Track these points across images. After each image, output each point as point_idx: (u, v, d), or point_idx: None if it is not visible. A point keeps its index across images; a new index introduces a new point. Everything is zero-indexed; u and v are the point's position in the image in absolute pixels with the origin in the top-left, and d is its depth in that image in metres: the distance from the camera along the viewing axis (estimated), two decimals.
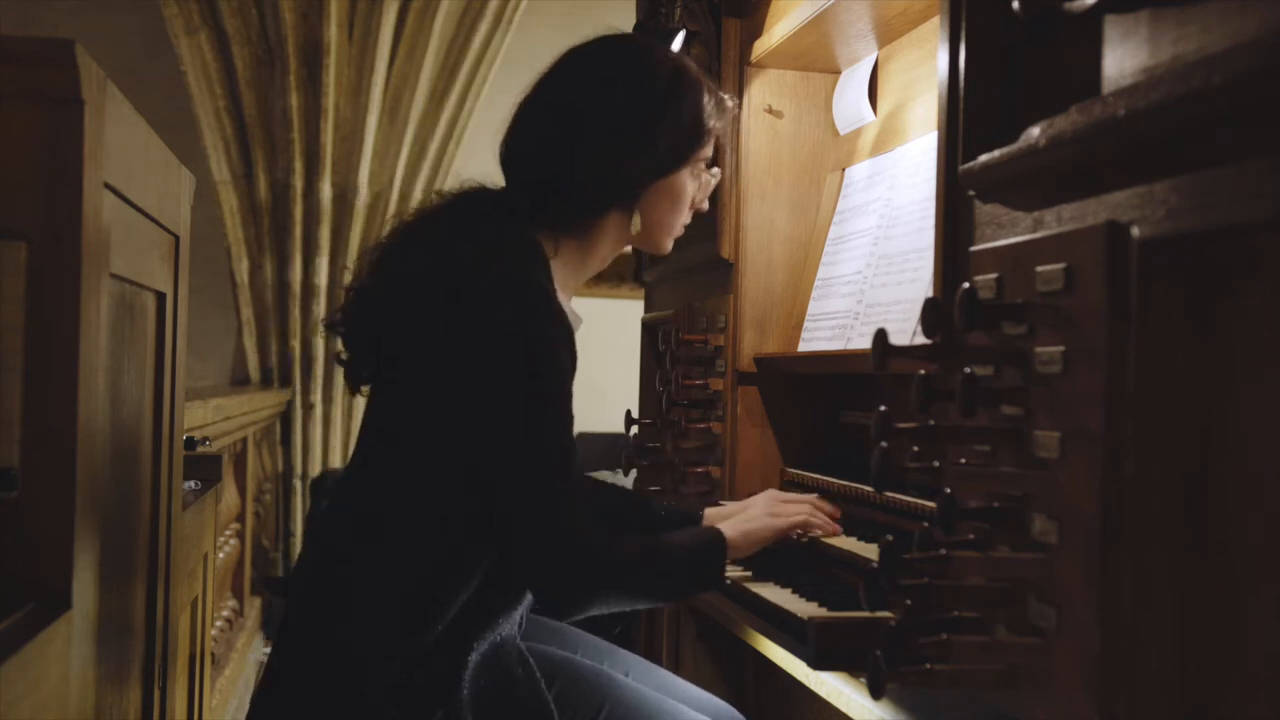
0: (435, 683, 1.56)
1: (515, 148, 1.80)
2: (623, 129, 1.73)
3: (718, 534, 1.73)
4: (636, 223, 1.79)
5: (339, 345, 1.78)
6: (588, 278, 1.84)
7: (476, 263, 1.63)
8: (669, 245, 1.88)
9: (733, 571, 1.85)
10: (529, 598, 1.70)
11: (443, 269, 1.64)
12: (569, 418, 1.61)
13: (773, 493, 1.96)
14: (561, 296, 1.71)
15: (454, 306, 1.60)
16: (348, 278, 3.95)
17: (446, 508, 1.60)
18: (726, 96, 1.89)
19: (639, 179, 1.76)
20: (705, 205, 1.89)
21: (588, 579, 1.58)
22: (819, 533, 1.84)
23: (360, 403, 3.59)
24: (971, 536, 1.14)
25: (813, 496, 1.93)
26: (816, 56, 2.34)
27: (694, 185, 1.83)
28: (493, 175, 1.83)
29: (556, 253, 1.74)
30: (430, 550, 1.60)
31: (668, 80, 1.78)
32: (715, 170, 1.88)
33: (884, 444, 1.15)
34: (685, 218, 1.86)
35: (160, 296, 1.54)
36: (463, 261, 1.63)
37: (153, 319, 1.52)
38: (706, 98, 1.81)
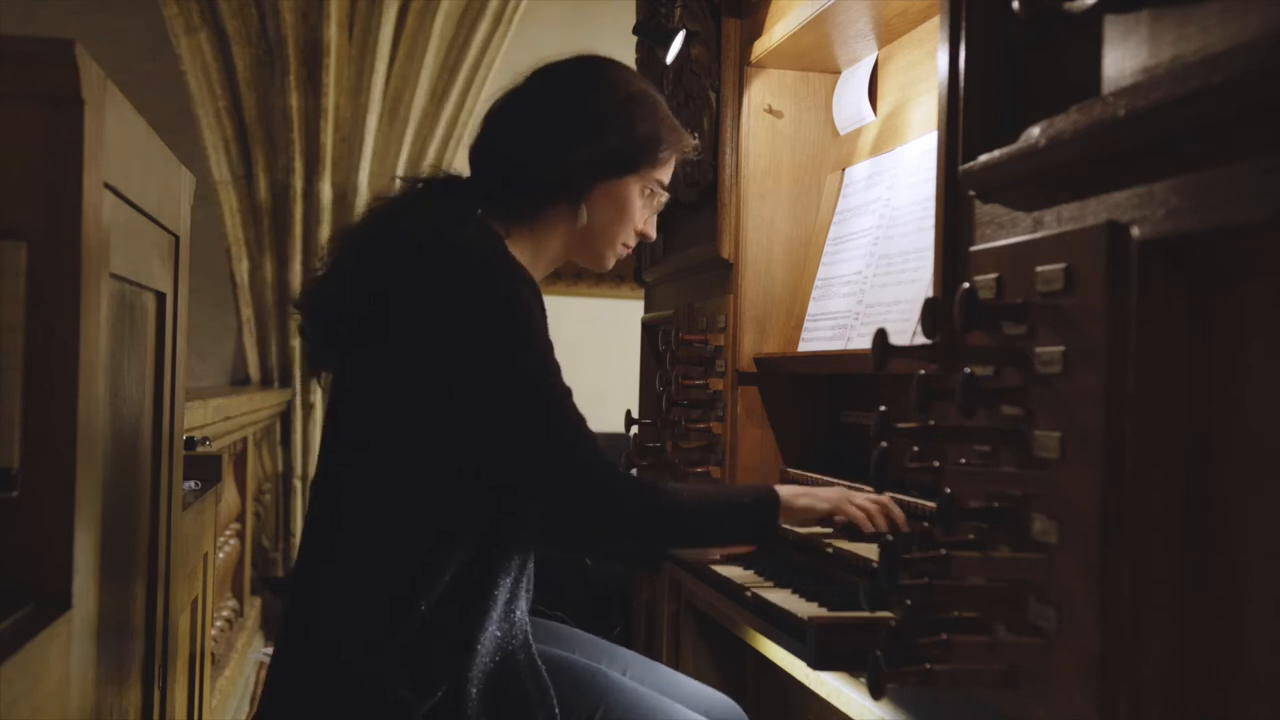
0: (440, 669, 1.58)
1: (479, 147, 1.85)
2: (577, 120, 1.78)
3: (771, 489, 1.74)
4: (583, 215, 1.79)
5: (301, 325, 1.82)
6: (541, 274, 1.84)
7: (422, 241, 1.66)
8: (609, 260, 1.88)
9: (733, 572, 1.85)
10: (524, 584, 1.70)
11: (388, 253, 1.68)
12: (557, 364, 1.63)
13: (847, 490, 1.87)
14: None
15: (404, 287, 1.63)
16: None
17: (421, 497, 1.62)
18: (692, 138, 1.91)
19: (587, 172, 1.78)
20: (653, 232, 1.91)
21: (622, 504, 1.61)
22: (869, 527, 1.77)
23: None
24: (971, 536, 1.14)
25: (886, 498, 1.78)
26: (816, 56, 2.34)
27: (642, 204, 1.85)
28: None
29: (508, 237, 1.76)
30: (405, 540, 1.62)
31: (631, 92, 1.83)
32: (665, 195, 1.89)
33: (884, 444, 1.15)
34: (629, 236, 1.86)
35: (160, 296, 1.54)
36: (408, 242, 1.67)
37: (153, 319, 1.51)
38: (668, 123, 1.85)
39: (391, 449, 1.64)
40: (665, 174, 1.87)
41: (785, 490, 1.74)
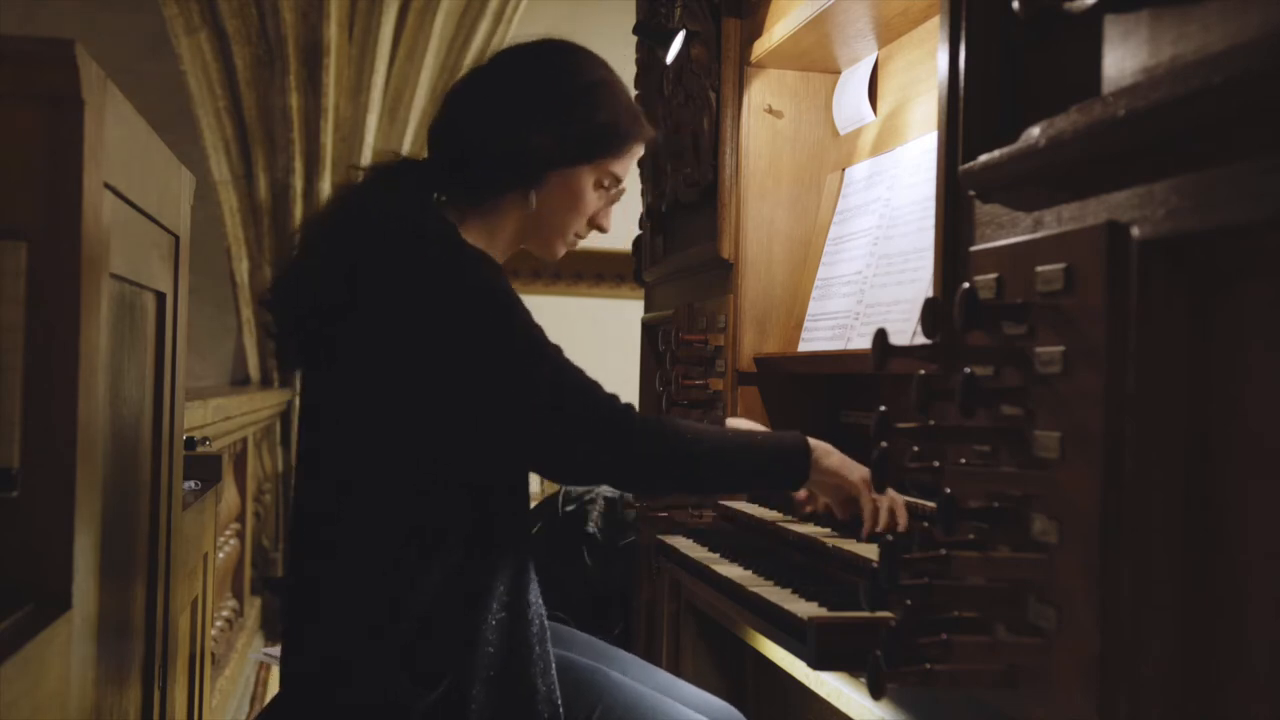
0: (440, 667, 1.57)
1: (438, 125, 1.83)
2: (536, 106, 1.76)
3: (801, 436, 1.71)
4: (535, 201, 1.77)
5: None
6: (498, 261, 1.82)
7: (378, 233, 1.66)
8: (559, 250, 1.86)
9: (733, 572, 1.85)
10: (529, 574, 1.69)
11: (346, 245, 1.68)
12: (539, 326, 1.63)
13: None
14: None
15: (365, 280, 1.63)
16: None
17: (407, 487, 1.61)
18: (653, 130, 1.89)
19: (542, 158, 1.75)
20: (607, 225, 1.88)
21: (641, 438, 1.61)
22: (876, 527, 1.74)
23: None
24: (972, 536, 1.14)
25: (900, 501, 1.75)
26: (816, 56, 2.34)
27: (596, 196, 1.82)
28: None
29: (462, 224, 1.75)
30: (394, 533, 1.61)
31: (594, 80, 1.81)
32: (622, 187, 1.87)
33: (884, 444, 1.15)
34: (580, 227, 1.84)
35: (160, 296, 1.54)
36: (365, 234, 1.67)
37: (153, 319, 1.52)
38: (630, 114, 1.83)
39: (372, 446, 1.64)
40: (623, 167, 1.84)
41: (819, 444, 1.70)
